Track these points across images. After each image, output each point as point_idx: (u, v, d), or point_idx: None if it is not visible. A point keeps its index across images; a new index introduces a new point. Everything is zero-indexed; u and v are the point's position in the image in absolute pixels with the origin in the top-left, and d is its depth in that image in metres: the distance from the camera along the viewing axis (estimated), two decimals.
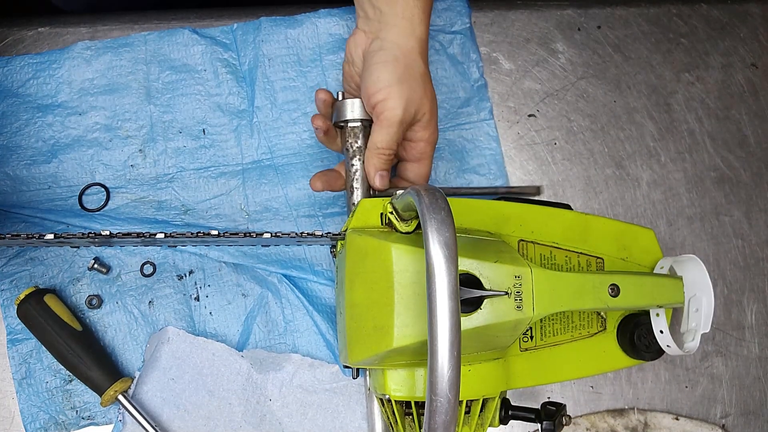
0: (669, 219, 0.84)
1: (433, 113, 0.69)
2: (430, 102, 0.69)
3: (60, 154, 0.78)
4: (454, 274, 0.45)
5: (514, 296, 0.57)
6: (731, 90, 0.88)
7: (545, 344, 0.68)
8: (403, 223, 0.60)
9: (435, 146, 0.71)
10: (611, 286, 0.62)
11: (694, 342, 0.64)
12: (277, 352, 0.76)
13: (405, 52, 0.67)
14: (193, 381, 0.74)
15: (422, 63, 0.68)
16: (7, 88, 0.78)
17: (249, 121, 0.80)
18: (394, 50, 0.67)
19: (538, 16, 0.88)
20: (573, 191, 0.84)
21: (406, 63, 0.67)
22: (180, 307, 0.76)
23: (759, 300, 0.83)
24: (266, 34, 0.82)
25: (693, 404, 0.81)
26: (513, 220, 0.68)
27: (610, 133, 0.86)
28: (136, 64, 0.80)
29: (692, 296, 0.65)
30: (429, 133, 0.70)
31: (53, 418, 0.73)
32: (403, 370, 0.60)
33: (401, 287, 0.55)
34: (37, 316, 0.70)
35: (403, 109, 0.66)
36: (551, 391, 0.79)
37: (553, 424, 0.63)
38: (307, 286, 0.77)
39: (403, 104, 0.66)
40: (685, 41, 0.89)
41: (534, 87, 0.86)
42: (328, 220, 0.79)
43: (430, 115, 0.69)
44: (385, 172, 0.69)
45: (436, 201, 0.48)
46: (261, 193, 0.79)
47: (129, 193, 0.78)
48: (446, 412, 0.44)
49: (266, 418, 0.75)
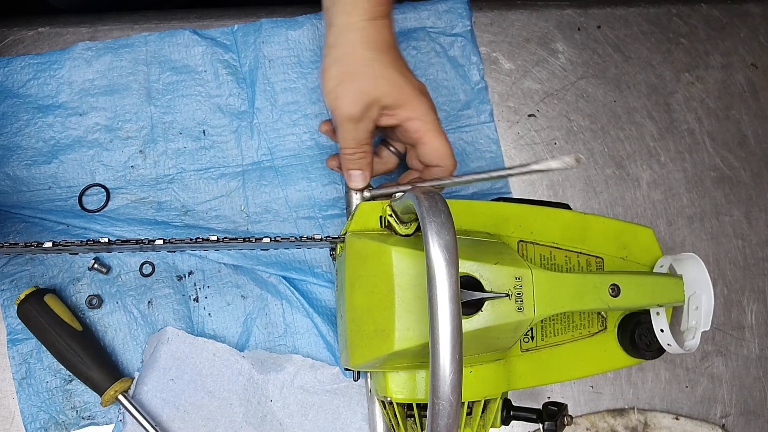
0: (669, 219, 0.84)
1: (403, 92, 0.66)
2: (391, 83, 0.66)
3: (60, 154, 0.78)
4: (454, 276, 0.45)
5: (514, 298, 0.57)
6: (731, 90, 0.88)
7: (546, 344, 0.68)
8: (403, 226, 0.60)
9: (432, 120, 0.68)
10: (612, 286, 0.62)
11: (695, 340, 0.64)
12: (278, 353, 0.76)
13: (345, 51, 0.66)
14: (193, 381, 0.74)
15: (368, 51, 0.66)
16: (8, 88, 0.78)
17: (249, 123, 0.80)
18: (333, 53, 0.66)
19: (538, 16, 0.88)
20: (573, 191, 0.84)
21: (348, 60, 0.66)
22: (179, 308, 0.76)
23: (759, 300, 0.83)
24: (267, 36, 0.82)
25: (693, 404, 0.81)
26: (512, 221, 0.68)
27: (610, 133, 0.86)
28: (136, 64, 0.80)
29: (692, 294, 0.65)
30: (410, 110, 0.67)
31: (53, 418, 0.73)
32: (404, 373, 0.60)
33: (401, 290, 0.55)
34: (37, 316, 0.70)
35: (350, 105, 0.65)
36: (551, 391, 0.79)
37: (555, 424, 0.63)
38: (307, 288, 0.77)
39: (348, 100, 0.65)
40: (685, 41, 0.89)
41: (534, 87, 0.86)
42: (327, 222, 0.79)
43: (398, 95, 0.66)
44: (358, 172, 0.69)
45: (436, 204, 0.48)
46: (261, 195, 0.79)
47: (129, 194, 0.78)
48: (449, 415, 0.44)
49: (267, 419, 0.75)
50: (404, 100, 0.66)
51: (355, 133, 0.67)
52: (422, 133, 0.67)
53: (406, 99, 0.66)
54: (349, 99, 0.65)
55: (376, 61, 0.66)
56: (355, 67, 0.65)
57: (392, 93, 0.66)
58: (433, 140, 0.67)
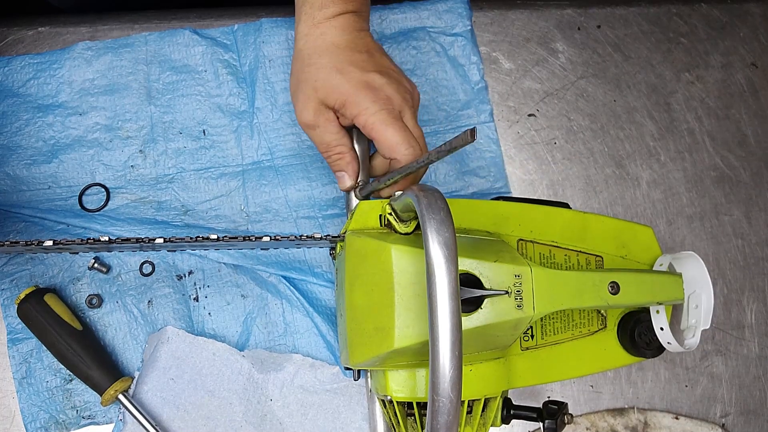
0: (669, 218, 0.84)
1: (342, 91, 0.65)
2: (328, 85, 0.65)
3: (60, 154, 0.78)
4: (454, 274, 0.45)
5: (514, 295, 0.57)
6: (731, 89, 0.88)
7: (546, 343, 0.68)
8: (402, 224, 0.60)
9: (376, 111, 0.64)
10: (611, 284, 0.62)
11: (695, 338, 0.64)
12: (278, 353, 0.76)
13: (295, 59, 0.69)
14: (193, 381, 0.74)
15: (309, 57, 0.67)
16: (8, 88, 0.78)
17: (249, 122, 0.80)
18: (293, 59, 0.69)
19: (538, 16, 0.88)
20: (573, 191, 0.84)
21: (295, 69, 0.69)
22: (179, 308, 0.76)
23: (759, 299, 0.83)
24: (267, 35, 0.82)
25: (693, 403, 0.81)
26: (512, 220, 0.68)
27: (610, 133, 0.86)
28: (136, 64, 0.80)
29: (692, 293, 0.65)
30: (353, 107, 0.65)
31: (53, 418, 0.73)
32: (404, 371, 0.60)
33: (401, 288, 0.55)
34: (37, 316, 0.70)
35: (302, 112, 0.68)
36: (551, 391, 0.79)
37: (555, 423, 0.63)
38: (307, 287, 0.77)
39: (301, 108, 0.68)
40: (685, 41, 0.89)
41: (534, 86, 0.86)
42: (327, 222, 0.79)
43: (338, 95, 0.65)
44: (341, 173, 0.70)
45: (435, 201, 0.48)
46: (261, 194, 0.79)
47: (129, 194, 0.78)
48: (448, 413, 0.44)
49: (267, 418, 0.75)
50: (345, 98, 0.65)
51: (320, 138, 0.68)
52: (369, 127, 0.65)
53: (346, 96, 0.65)
54: (301, 106, 0.68)
55: (314, 65, 0.67)
56: (299, 75, 0.68)
57: (332, 94, 0.66)
58: (381, 133, 0.65)
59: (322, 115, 0.67)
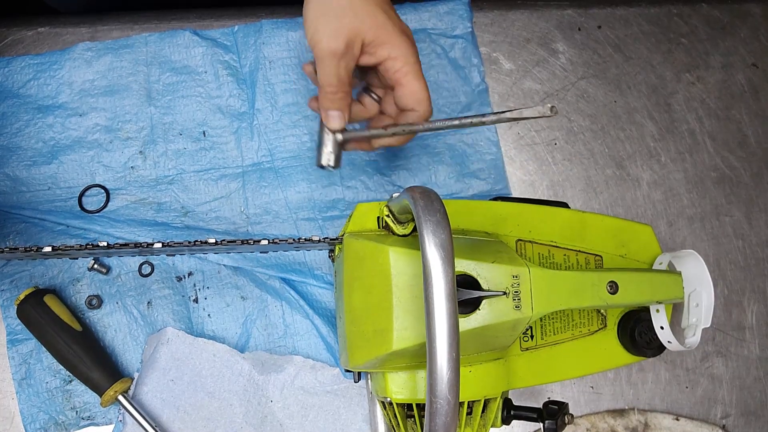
0: (669, 219, 0.84)
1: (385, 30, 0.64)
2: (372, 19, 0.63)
3: (60, 155, 0.78)
4: (450, 275, 0.45)
5: (512, 296, 0.57)
6: (731, 90, 0.88)
7: (546, 343, 0.68)
8: (400, 226, 0.60)
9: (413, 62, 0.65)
10: (610, 284, 0.62)
11: (695, 337, 0.64)
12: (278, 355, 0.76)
13: None
14: (193, 382, 0.74)
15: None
16: (8, 88, 0.78)
17: (249, 124, 0.80)
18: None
19: (538, 16, 0.88)
20: (573, 191, 0.84)
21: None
22: (178, 309, 0.76)
23: (759, 300, 0.83)
24: (267, 37, 0.82)
25: (693, 405, 0.80)
26: (510, 220, 0.68)
27: (611, 133, 0.86)
28: (136, 65, 0.80)
29: (692, 291, 0.65)
30: (391, 48, 0.64)
31: (53, 419, 0.73)
32: (403, 373, 0.60)
33: (399, 290, 0.55)
34: (37, 317, 0.70)
35: (332, 39, 0.62)
36: (551, 391, 0.79)
37: (556, 423, 0.63)
38: (307, 289, 0.77)
39: (330, 34, 0.62)
40: (685, 41, 0.89)
41: (534, 87, 0.86)
42: (327, 223, 0.79)
43: (380, 32, 0.64)
44: (337, 112, 0.66)
45: (432, 203, 0.48)
46: (261, 196, 0.79)
47: (129, 195, 0.78)
48: (446, 414, 0.44)
49: (267, 420, 0.75)
50: (386, 38, 0.64)
51: (338, 70, 0.64)
52: (402, 74, 0.64)
53: (387, 37, 0.64)
54: (330, 33, 0.62)
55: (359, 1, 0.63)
56: (330, 3, 0.63)
57: (374, 29, 0.63)
58: (411, 82, 0.64)
59: (352, 46, 0.63)
